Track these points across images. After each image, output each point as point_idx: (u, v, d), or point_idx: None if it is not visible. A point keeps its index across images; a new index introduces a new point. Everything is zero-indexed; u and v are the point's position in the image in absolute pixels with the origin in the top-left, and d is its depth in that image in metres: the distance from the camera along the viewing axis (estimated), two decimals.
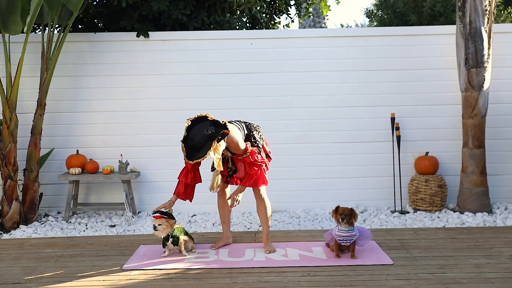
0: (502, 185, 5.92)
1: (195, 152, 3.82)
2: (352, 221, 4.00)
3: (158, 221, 4.10)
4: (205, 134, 3.78)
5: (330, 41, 5.97)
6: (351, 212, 4.02)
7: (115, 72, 5.92)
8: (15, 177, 5.32)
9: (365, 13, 8.72)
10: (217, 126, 3.83)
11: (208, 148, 3.77)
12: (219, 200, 4.48)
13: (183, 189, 4.18)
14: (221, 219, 4.51)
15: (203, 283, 3.57)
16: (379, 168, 5.93)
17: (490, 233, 4.73)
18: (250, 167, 4.12)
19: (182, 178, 4.17)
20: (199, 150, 3.81)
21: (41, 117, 5.49)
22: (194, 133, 3.81)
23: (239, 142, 4.01)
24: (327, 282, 3.53)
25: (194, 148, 3.82)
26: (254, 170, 4.12)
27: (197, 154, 3.81)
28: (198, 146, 3.80)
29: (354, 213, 4.02)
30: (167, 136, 5.91)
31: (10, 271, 3.90)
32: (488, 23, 5.56)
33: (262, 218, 4.32)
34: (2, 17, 5.25)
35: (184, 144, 3.87)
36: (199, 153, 3.80)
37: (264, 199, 4.28)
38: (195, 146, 3.80)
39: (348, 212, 4.00)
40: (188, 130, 3.86)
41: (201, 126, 3.81)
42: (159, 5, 5.87)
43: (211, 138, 3.79)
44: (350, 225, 4.00)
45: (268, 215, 4.32)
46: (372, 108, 5.92)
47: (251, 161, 4.09)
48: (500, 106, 5.91)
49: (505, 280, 3.51)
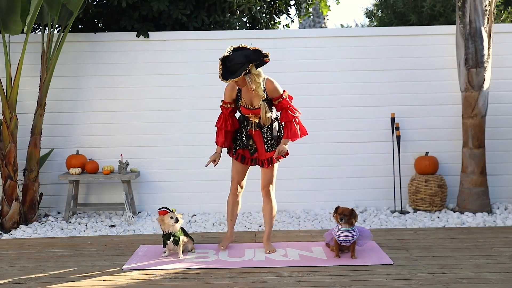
0: (502, 185, 5.92)
1: (230, 74, 3.80)
2: (352, 221, 4.00)
3: (174, 214, 4.11)
4: (245, 56, 3.79)
5: (330, 41, 5.97)
6: (351, 212, 4.02)
7: (115, 72, 5.92)
8: (15, 177, 5.32)
9: (365, 13, 8.73)
10: (258, 53, 3.84)
11: (244, 71, 3.76)
12: (233, 197, 4.36)
13: (224, 137, 4.15)
14: (230, 217, 4.41)
15: (203, 283, 3.57)
16: (379, 168, 5.93)
17: (490, 233, 4.73)
18: (287, 113, 4.03)
19: (221, 125, 4.14)
20: (235, 72, 3.79)
21: (41, 117, 5.49)
22: (235, 56, 3.80)
23: (276, 83, 4.01)
24: (327, 282, 3.53)
25: (231, 69, 3.80)
26: (292, 116, 4.03)
27: (233, 75, 3.79)
28: (235, 67, 3.79)
29: (354, 214, 4.02)
30: (167, 136, 5.91)
31: (10, 271, 3.90)
32: (488, 23, 5.56)
33: (266, 218, 4.31)
34: (2, 17, 5.25)
35: (222, 63, 3.83)
36: (235, 74, 3.79)
37: (272, 199, 4.27)
38: (233, 67, 3.80)
39: (347, 213, 4.00)
40: (229, 52, 3.83)
41: (242, 51, 3.83)
42: (159, 5, 5.87)
43: (249, 61, 3.79)
44: (350, 225, 4.00)
45: (273, 215, 4.32)
46: (372, 108, 5.92)
47: (288, 106, 4.03)
48: (500, 106, 5.91)
49: (505, 280, 3.51)
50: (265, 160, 4.16)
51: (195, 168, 5.87)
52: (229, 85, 4.05)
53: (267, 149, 4.14)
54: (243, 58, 3.79)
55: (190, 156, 5.91)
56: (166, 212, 4.13)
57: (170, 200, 5.79)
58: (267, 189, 4.24)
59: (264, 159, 4.17)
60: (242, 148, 4.22)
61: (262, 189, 4.27)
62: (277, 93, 4.04)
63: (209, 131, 5.88)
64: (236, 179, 4.31)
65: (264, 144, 4.15)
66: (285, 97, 4.06)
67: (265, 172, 4.23)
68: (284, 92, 4.08)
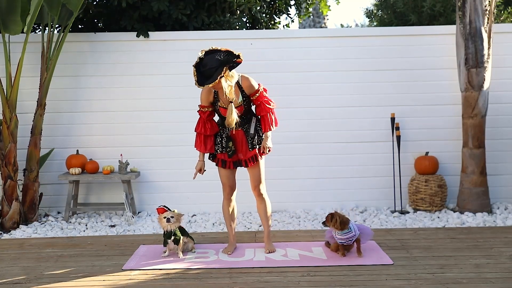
0: (502, 185, 5.92)
1: (205, 79, 3.79)
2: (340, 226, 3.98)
3: (169, 213, 4.11)
4: (218, 60, 3.78)
5: (330, 41, 5.97)
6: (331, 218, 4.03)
7: (115, 72, 5.92)
8: (15, 177, 5.32)
9: (365, 13, 8.73)
10: (230, 54, 3.83)
11: (219, 74, 3.75)
12: (228, 203, 4.30)
13: (203, 142, 4.12)
14: (229, 222, 4.33)
15: (203, 283, 3.57)
16: (379, 168, 5.93)
17: (490, 233, 4.73)
18: (264, 106, 4.04)
19: (200, 130, 4.11)
20: (210, 77, 3.78)
21: (41, 117, 5.49)
22: (207, 60, 3.79)
23: (252, 79, 4.01)
24: (327, 282, 3.53)
25: (206, 74, 3.79)
26: (269, 108, 4.04)
27: (208, 80, 3.77)
28: (210, 72, 3.78)
29: (333, 217, 4.01)
30: (167, 136, 5.92)
31: (10, 271, 3.90)
32: (488, 23, 5.56)
33: (262, 217, 4.29)
34: (2, 17, 5.25)
35: (195, 70, 3.82)
36: (210, 79, 3.77)
37: (265, 198, 4.24)
38: (207, 71, 3.78)
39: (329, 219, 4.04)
40: (201, 58, 3.82)
41: (214, 54, 3.81)
42: (159, 5, 5.87)
43: (222, 64, 3.78)
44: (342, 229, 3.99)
45: (269, 214, 4.28)
46: (372, 108, 5.93)
47: (264, 100, 4.04)
48: (500, 106, 5.91)
49: (505, 280, 3.51)
50: (249, 159, 4.12)
51: None
52: (205, 88, 4.00)
53: (250, 147, 4.11)
54: (216, 62, 3.77)
55: (190, 156, 5.86)
56: (164, 210, 4.15)
57: (170, 200, 5.79)
58: (258, 189, 4.19)
59: (248, 157, 4.13)
60: (221, 152, 4.16)
61: (253, 190, 4.22)
62: (253, 89, 4.03)
63: None
64: (227, 184, 4.25)
65: (247, 143, 4.11)
66: (261, 90, 4.05)
67: (252, 172, 4.17)
68: (259, 85, 4.07)
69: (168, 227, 4.11)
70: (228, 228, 4.36)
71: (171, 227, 4.12)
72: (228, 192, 4.27)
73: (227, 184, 4.25)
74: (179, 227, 4.20)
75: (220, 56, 3.80)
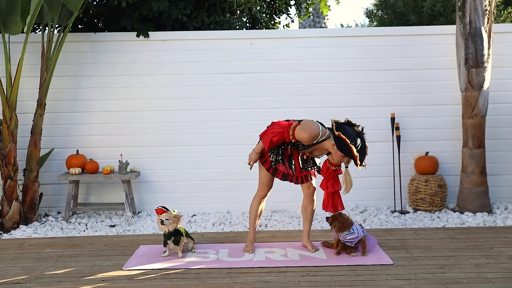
0: (502, 185, 5.92)
1: (363, 155, 3.97)
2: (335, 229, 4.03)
3: (165, 215, 4.11)
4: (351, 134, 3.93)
5: (330, 41, 5.97)
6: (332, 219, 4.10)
7: (115, 72, 5.92)
8: (15, 177, 5.32)
9: (365, 13, 8.73)
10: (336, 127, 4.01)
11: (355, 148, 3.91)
12: (259, 201, 4.36)
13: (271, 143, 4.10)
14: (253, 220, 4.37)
15: (203, 283, 3.57)
16: (379, 168, 5.93)
17: (490, 233, 4.73)
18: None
19: (277, 141, 4.08)
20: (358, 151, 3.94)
21: (41, 117, 5.49)
22: (351, 138, 3.90)
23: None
24: (327, 282, 3.53)
25: (361, 150, 3.94)
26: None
27: (364, 156, 4.00)
28: (362, 146, 3.96)
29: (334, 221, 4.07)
30: (167, 136, 5.91)
31: (10, 271, 3.90)
32: (488, 23, 5.56)
33: (309, 217, 4.35)
34: (2, 17, 5.25)
35: (359, 154, 3.92)
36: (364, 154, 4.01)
37: (314, 200, 4.35)
38: (361, 147, 3.94)
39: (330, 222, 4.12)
40: (353, 139, 3.91)
41: (347, 130, 3.94)
42: (159, 5, 5.87)
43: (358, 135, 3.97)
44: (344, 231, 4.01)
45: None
46: (372, 108, 5.93)
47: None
48: (500, 106, 5.91)
49: (505, 280, 3.51)
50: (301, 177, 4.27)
51: (195, 168, 5.87)
52: (313, 138, 3.98)
53: (302, 169, 4.26)
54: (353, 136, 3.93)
55: (190, 156, 5.91)
56: (162, 211, 4.15)
57: (170, 200, 5.79)
58: (311, 190, 4.34)
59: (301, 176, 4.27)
60: (280, 164, 4.23)
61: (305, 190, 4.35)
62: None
63: (209, 131, 5.92)
64: (268, 186, 4.30)
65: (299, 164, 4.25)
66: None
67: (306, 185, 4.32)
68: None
69: (165, 228, 4.12)
70: (251, 226, 4.39)
71: (167, 228, 4.12)
72: (265, 193, 4.34)
73: (267, 186, 4.31)
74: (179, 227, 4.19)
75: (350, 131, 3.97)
